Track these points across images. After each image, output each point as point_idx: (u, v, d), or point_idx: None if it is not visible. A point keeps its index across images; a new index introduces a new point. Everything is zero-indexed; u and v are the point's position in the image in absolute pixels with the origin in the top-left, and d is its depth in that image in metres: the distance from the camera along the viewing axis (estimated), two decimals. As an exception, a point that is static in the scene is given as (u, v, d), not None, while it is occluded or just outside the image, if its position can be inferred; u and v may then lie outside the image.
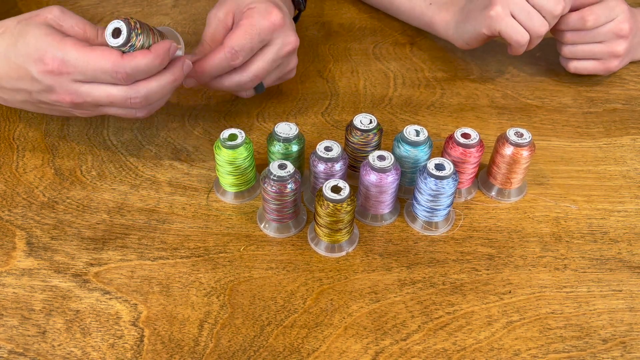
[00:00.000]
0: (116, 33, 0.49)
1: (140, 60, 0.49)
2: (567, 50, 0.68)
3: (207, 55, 0.56)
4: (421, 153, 0.54)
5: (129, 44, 0.49)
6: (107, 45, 0.49)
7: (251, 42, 0.56)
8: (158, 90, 0.52)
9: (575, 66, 0.69)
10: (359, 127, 0.54)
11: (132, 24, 0.49)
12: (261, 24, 0.56)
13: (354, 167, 0.57)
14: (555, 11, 0.62)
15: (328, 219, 0.48)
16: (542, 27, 0.63)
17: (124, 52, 0.49)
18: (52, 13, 0.51)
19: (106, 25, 0.50)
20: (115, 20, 0.49)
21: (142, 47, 0.50)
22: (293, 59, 0.62)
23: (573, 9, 0.66)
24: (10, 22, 0.52)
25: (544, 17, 0.63)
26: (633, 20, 0.65)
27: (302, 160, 0.56)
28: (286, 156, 0.54)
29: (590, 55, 0.68)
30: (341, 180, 0.48)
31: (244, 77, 0.58)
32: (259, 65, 0.58)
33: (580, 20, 0.65)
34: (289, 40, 0.58)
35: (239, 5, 0.58)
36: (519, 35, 0.63)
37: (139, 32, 0.49)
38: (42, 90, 0.51)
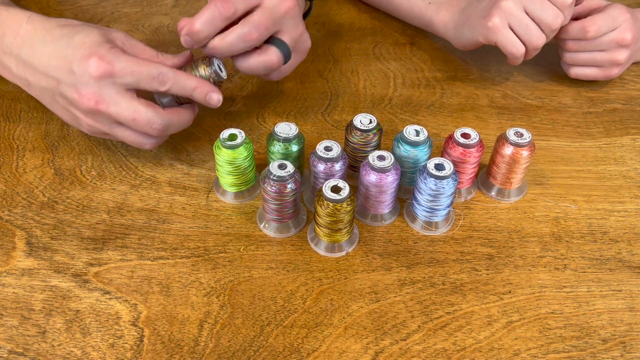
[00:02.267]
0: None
1: (183, 74, 0.52)
2: (568, 57, 0.68)
3: (224, 34, 0.54)
4: (421, 153, 0.54)
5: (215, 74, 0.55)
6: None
7: (269, 20, 0.54)
8: (177, 124, 0.55)
9: (576, 72, 0.69)
10: (359, 127, 0.54)
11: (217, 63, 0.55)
12: (279, 7, 0.55)
13: (353, 167, 0.57)
14: (553, 25, 0.62)
15: (328, 219, 0.48)
16: (539, 40, 0.63)
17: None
18: (118, 33, 0.54)
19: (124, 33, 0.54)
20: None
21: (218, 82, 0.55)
22: (298, 25, 0.59)
23: (574, 17, 0.66)
24: (76, 22, 0.54)
25: (542, 30, 0.63)
26: (635, 28, 0.65)
27: (302, 160, 0.56)
28: (286, 156, 0.54)
29: (592, 62, 0.68)
30: (341, 180, 0.48)
31: (244, 28, 0.54)
32: (256, 16, 0.55)
33: (582, 31, 0.64)
34: (297, 29, 0.58)
35: None
36: (514, 48, 0.63)
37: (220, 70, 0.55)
38: (72, 84, 0.51)
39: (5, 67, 0.56)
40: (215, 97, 0.54)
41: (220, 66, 0.55)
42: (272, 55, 0.57)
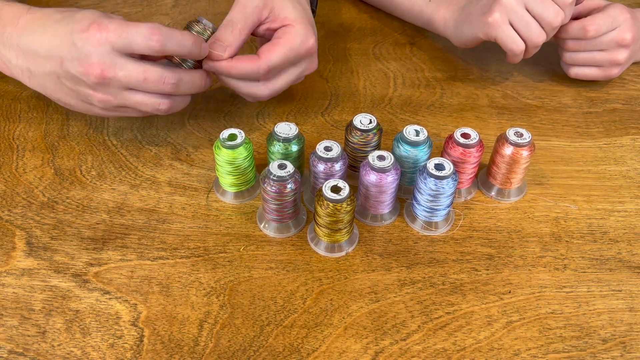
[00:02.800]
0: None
1: (177, 31, 0.51)
2: (568, 56, 0.68)
3: (238, 59, 0.55)
4: (421, 153, 0.54)
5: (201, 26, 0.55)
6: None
7: (287, 63, 0.57)
8: (189, 80, 0.54)
9: (576, 72, 0.69)
10: (359, 127, 0.54)
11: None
12: (300, 49, 0.57)
13: (353, 167, 0.57)
14: (554, 22, 0.62)
15: (328, 219, 0.48)
16: (539, 38, 0.63)
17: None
18: (117, 17, 0.53)
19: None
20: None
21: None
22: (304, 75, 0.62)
23: (574, 17, 0.66)
24: (76, 9, 0.54)
25: (542, 27, 0.63)
26: (635, 28, 0.65)
27: (302, 160, 0.56)
28: (286, 156, 0.54)
29: (592, 62, 0.68)
30: (341, 180, 0.48)
31: (263, 90, 0.58)
32: (280, 82, 0.58)
33: (582, 30, 0.64)
34: (312, 65, 0.60)
35: (279, 8, 0.57)
36: (514, 45, 0.63)
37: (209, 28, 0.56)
38: (75, 58, 0.50)
39: (5, 60, 0.55)
40: (205, 47, 0.54)
41: (208, 23, 0.56)
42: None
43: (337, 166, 0.51)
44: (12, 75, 0.57)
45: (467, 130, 0.53)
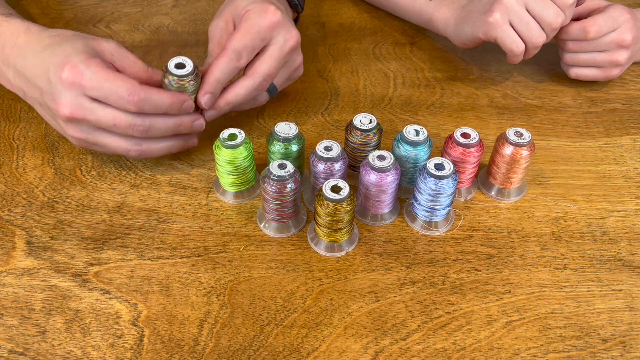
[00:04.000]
0: (180, 66, 0.52)
1: (156, 94, 0.51)
2: (568, 57, 0.68)
3: (212, 63, 0.55)
4: (421, 153, 0.54)
5: (190, 79, 0.52)
6: (154, 83, 0.53)
7: (252, 41, 0.56)
8: (162, 127, 0.53)
9: (576, 73, 0.69)
10: (359, 127, 0.54)
11: (195, 65, 0.53)
12: (259, 22, 0.56)
13: (353, 166, 0.57)
14: (554, 24, 0.62)
15: (328, 218, 0.48)
16: (539, 39, 0.63)
17: (180, 88, 0.52)
18: (109, 44, 0.53)
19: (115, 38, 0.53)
20: (181, 56, 0.52)
21: (194, 92, 0.54)
22: (298, 55, 0.62)
23: (575, 18, 0.65)
24: (70, 32, 0.54)
25: (542, 28, 0.63)
26: (636, 29, 0.65)
27: (302, 160, 0.57)
28: (286, 156, 0.54)
29: (592, 63, 0.67)
30: (341, 180, 0.48)
31: (256, 80, 0.57)
32: (266, 64, 0.57)
33: (582, 31, 0.64)
34: (290, 35, 0.58)
35: (236, 10, 0.58)
36: (514, 45, 0.63)
37: (199, 75, 0.54)
38: (49, 93, 0.51)
39: (5, 77, 0.57)
40: (189, 105, 0.53)
41: (186, 63, 0.53)
42: (260, 98, 0.61)
43: (337, 166, 0.51)
44: (13, 91, 0.58)
45: (467, 130, 0.53)
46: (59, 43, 0.52)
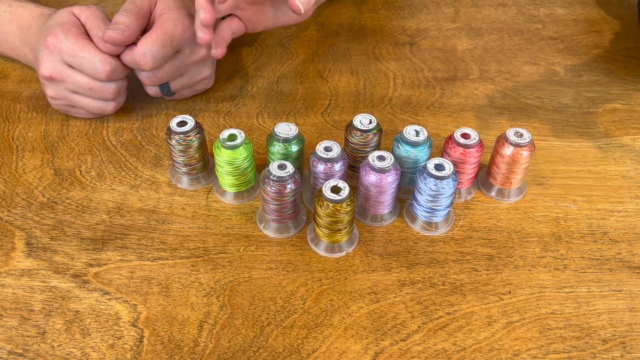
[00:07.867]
0: (182, 124, 0.54)
1: (122, 67, 0.59)
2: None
3: (123, 52, 0.58)
4: (421, 153, 0.53)
5: (195, 132, 0.54)
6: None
7: (163, 49, 0.57)
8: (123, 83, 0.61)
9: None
10: (359, 127, 0.54)
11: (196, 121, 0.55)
12: (174, 31, 0.58)
13: (353, 167, 0.57)
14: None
15: (328, 219, 0.48)
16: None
17: (187, 144, 0.54)
18: (90, 9, 0.59)
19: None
20: (181, 115, 0.55)
21: (199, 147, 0.55)
22: (204, 69, 0.64)
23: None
24: (57, 11, 0.61)
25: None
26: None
27: (302, 161, 0.56)
28: (286, 156, 0.54)
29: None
30: (341, 181, 0.48)
31: (142, 74, 0.61)
32: (164, 71, 0.60)
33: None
34: (198, 50, 0.61)
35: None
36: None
37: (202, 129, 0.55)
38: (37, 57, 0.58)
39: (22, 52, 0.65)
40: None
41: (187, 119, 0.54)
42: (150, 90, 0.64)
43: (337, 166, 0.51)
44: (29, 65, 0.69)
45: (467, 130, 0.53)
46: (51, 17, 0.60)
